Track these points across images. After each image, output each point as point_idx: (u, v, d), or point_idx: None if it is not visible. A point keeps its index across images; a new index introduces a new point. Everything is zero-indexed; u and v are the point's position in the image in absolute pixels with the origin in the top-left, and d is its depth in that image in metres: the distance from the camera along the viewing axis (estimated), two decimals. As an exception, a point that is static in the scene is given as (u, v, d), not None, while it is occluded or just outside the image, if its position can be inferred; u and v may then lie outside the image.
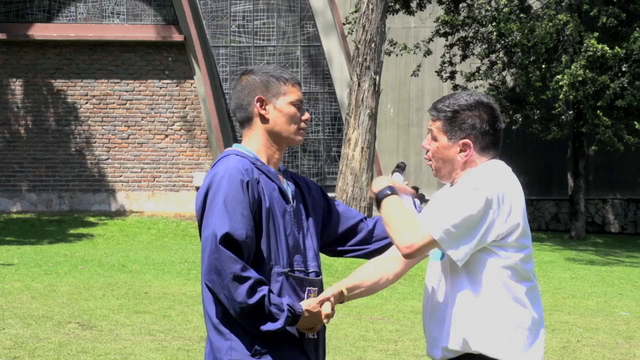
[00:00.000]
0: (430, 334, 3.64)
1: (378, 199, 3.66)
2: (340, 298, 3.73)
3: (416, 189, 3.95)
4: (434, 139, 3.70)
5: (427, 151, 3.74)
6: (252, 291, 3.51)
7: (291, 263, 3.70)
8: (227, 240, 3.54)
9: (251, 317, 3.54)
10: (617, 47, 22.73)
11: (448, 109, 3.66)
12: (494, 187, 3.53)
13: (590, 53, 22.69)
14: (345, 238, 4.01)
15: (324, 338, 3.88)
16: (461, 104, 3.67)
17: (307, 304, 3.64)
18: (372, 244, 4.00)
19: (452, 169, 3.68)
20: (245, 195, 3.61)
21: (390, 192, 3.65)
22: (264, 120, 3.75)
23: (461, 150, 3.65)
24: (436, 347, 3.61)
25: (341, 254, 4.06)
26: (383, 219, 3.65)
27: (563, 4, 24.17)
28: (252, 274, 3.53)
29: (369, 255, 3.99)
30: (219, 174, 3.65)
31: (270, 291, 3.57)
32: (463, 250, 3.47)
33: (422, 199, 3.95)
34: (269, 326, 3.54)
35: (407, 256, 3.53)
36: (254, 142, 3.79)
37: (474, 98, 3.69)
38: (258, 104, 3.75)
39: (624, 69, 23.28)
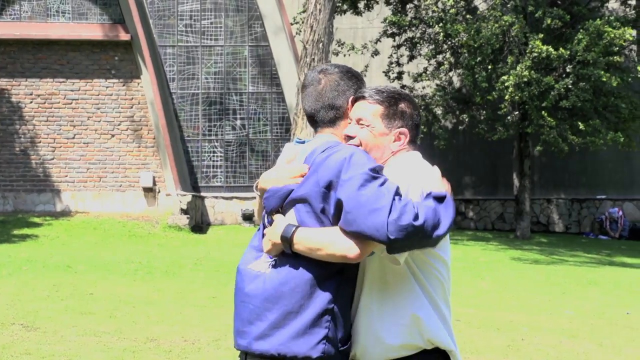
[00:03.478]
0: (376, 333, 3.54)
1: (287, 239, 3.43)
2: None
3: None
4: (366, 125, 3.62)
5: (351, 138, 3.63)
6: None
7: None
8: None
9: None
10: (561, 49, 23.00)
11: (391, 96, 3.63)
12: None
13: (535, 54, 22.92)
14: None
15: None
16: (400, 92, 3.66)
17: None
18: None
19: (380, 156, 3.61)
20: None
21: (295, 226, 3.45)
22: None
23: (396, 140, 3.61)
24: (380, 345, 3.56)
25: None
26: (305, 251, 3.42)
27: (509, 5, 24.41)
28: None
29: None
30: (355, 150, 3.50)
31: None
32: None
33: None
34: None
35: (356, 259, 3.43)
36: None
37: (405, 92, 3.69)
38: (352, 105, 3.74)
39: (568, 70, 23.54)
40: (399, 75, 26.08)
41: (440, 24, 24.33)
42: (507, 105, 23.85)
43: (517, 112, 24.59)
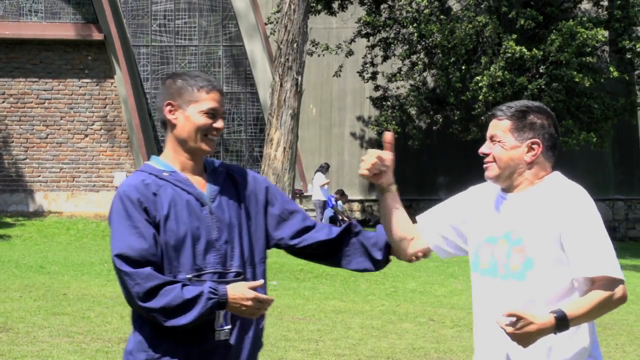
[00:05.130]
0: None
1: (563, 319, 3.36)
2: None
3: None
4: (498, 141, 3.68)
5: (486, 155, 3.71)
6: (161, 297, 3.49)
7: (200, 267, 3.59)
8: (125, 259, 3.60)
9: (173, 316, 3.47)
10: (534, 49, 23.10)
11: (519, 110, 3.68)
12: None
13: (509, 55, 23.02)
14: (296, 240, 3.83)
15: (250, 344, 3.67)
16: (529, 105, 3.69)
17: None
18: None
19: (513, 170, 3.66)
20: (137, 210, 3.57)
21: (559, 308, 3.37)
22: (172, 126, 3.67)
23: (529, 151, 3.62)
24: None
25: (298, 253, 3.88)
26: (585, 320, 3.44)
27: (482, 6, 24.50)
28: (154, 282, 3.50)
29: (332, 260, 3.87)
30: (115, 196, 3.66)
31: (184, 285, 3.50)
32: None
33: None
34: (189, 315, 3.47)
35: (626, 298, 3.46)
36: (168, 150, 3.71)
37: (538, 104, 3.72)
38: (167, 109, 3.67)
39: (541, 71, 23.66)
40: (373, 76, 26.12)
41: (414, 25, 24.39)
42: (481, 105, 23.93)
43: (490, 113, 24.68)
